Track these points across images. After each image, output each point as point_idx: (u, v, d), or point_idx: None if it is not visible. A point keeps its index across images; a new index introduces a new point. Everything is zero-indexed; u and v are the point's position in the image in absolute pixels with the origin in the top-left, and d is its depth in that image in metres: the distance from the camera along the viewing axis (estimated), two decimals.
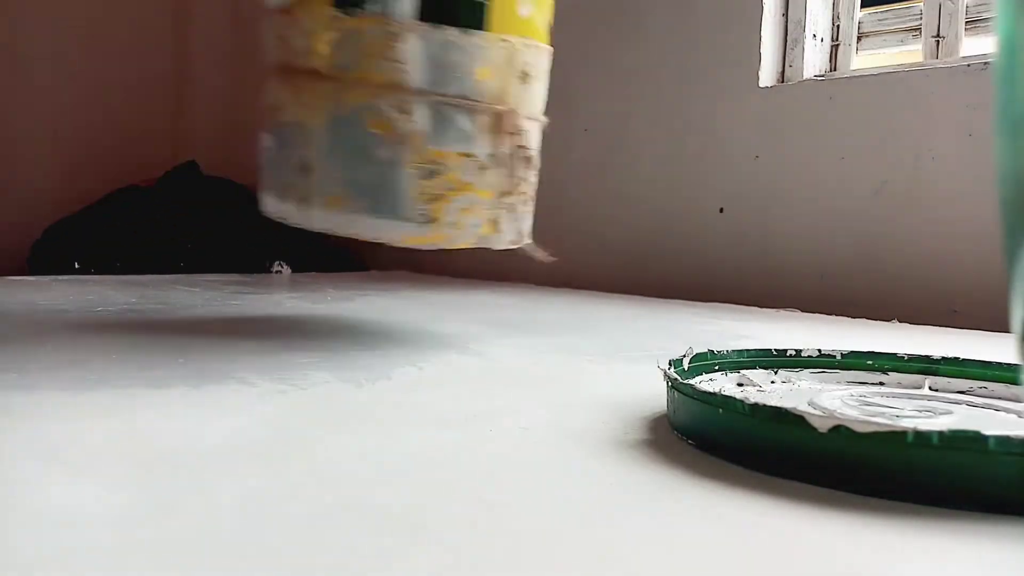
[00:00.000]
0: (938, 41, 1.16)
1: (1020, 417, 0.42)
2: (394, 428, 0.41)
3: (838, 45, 1.27)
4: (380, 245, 1.76)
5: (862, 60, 1.26)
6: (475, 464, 0.35)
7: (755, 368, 0.49)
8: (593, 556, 0.26)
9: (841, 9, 1.27)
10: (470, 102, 0.62)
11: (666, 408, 0.42)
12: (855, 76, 1.20)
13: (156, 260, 1.45)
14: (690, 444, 0.38)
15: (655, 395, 0.47)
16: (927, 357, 0.49)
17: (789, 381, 0.49)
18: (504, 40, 0.63)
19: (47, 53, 1.47)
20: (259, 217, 0.79)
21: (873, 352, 0.50)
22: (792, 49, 1.26)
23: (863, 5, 1.26)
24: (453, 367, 0.59)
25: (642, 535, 0.28)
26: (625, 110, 1.41)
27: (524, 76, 0.65)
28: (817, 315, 1.03)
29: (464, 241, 0.66)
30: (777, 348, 0.51)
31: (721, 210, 1.29)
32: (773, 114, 1.22)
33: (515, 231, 0.68)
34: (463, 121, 0.62)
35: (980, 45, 1.15)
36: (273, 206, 0.67)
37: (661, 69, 1.35)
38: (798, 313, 1.06)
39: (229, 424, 0.40)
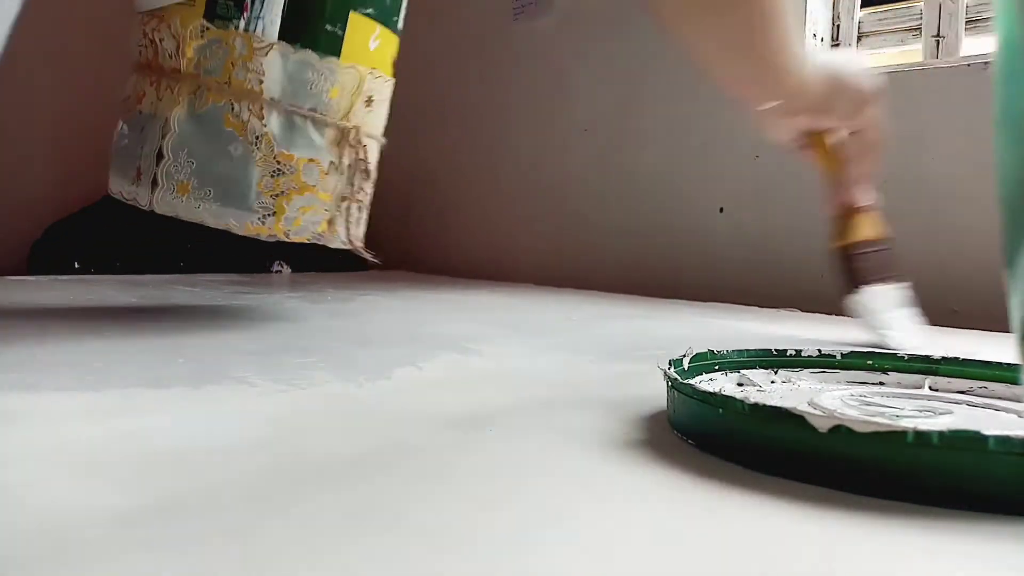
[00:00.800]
0: (938, 41, 1.16)
1: (1020, 417, 0.42)
2: (394, 428, 0.41)
3: (838, 45, 1.27)
4: (380, 245, 1.77)
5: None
6: (475, 464, 0.35)
7: (755, 368, 0.49)
8: (593, 556, 0.26)
9: (841, 9, 1.27)
10: (319, 116, 0.71)
11: (666, 408, 0.42)
12: None
13: (156, 260, 1.45)
14: (690, 444, 0.38)
15: (655, 395, 0.47)
16: (927, 357, 0.49)
17: (789, 381, 0.49)
18: (354, 68, 0.72)
19: (47, 53, 1.47)
20: None
21: (873, 352, 0.50)
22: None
23: (863, 5, 1.26)
24: (453, 367, 0.59)
25: (641, 535, 0.28)
26: (625, 110, 1.41)
27: (369, 100, 0.74)
28: (817, 315, 1.03)
29: (300, 236, 0.73)
30: (777, 348, 0.51)
31: (721, 210, 1.29)
32: None
33: (349, 233, 0.76)
34: (312, 131, 0.71)
35: (980, 45, 1.15)
36: (122, 187, 0.72)
37: (661, 69, 1.35)
38: (798, 313, 1.06)
39: (229, 424, 0.40)
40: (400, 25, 0.80)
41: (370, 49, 0.73)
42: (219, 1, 0.68)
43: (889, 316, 0.78)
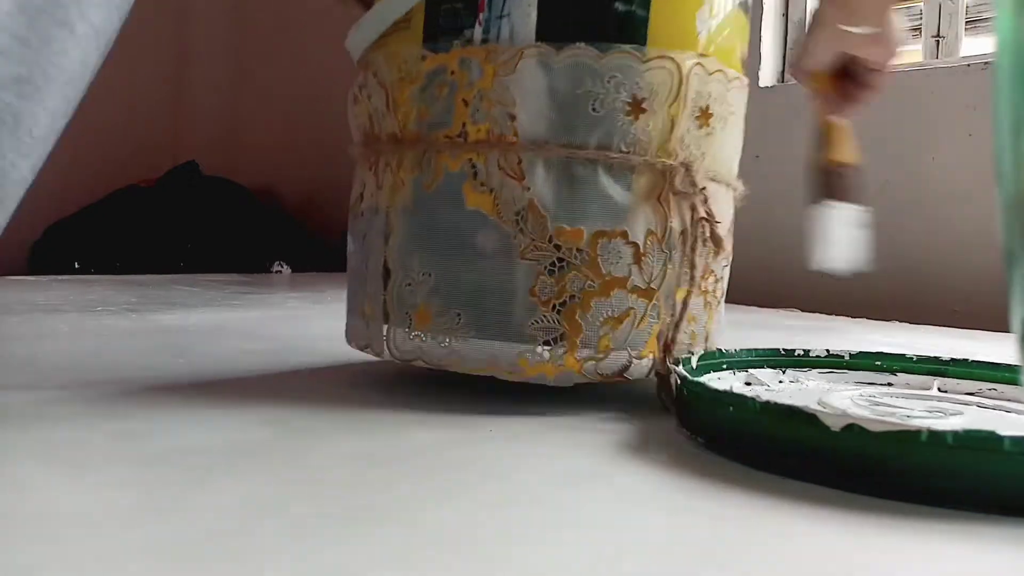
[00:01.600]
0: (938, 41, 1.16)
1: None
2: (394, 428, 0.41)
3: None
4: None
5: None
6: (477, 464, 0.35)
7: (763, 367, 0.49)
8: (599, 555, 0.25)
9: None
10: (617, 154, 0.44)
11: (675, 407, 0.42)
12: None
13: (156, 260, 1.45)
14: (700, 442, 0.37)
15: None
16: (936, 358, 0.48)
17: (797, 381, 0.49)
18: (669, 59, 0.44)
19: None
20: (259, 217, 0.79)
21: (881, 353, 0.50)
22: (792, 49, 1.26)
23: None
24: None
25: (650, 534, 0.27)
26: None
27: (704, 115, 0.46)
28: (817, 315, 1.03)
29: (616, 368, 0.44)
30: (785, 348, 0.50)
31: None
32: (773, 114, 1.21)
33: (695, 344, 0.47)
34: (606, 182, 0.44)
35: (980, 45, 1.15)
36: (356, 334, 0.50)
37: None
38: (798, 313, 1.05)
39: (229, 424, 0.40)
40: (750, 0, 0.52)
41: (696, 31, 0.45)
42: (442, 7, 0.45)
43: (841, 234, 0.79)
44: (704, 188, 0.46)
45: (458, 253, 0.44)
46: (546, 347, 0.43)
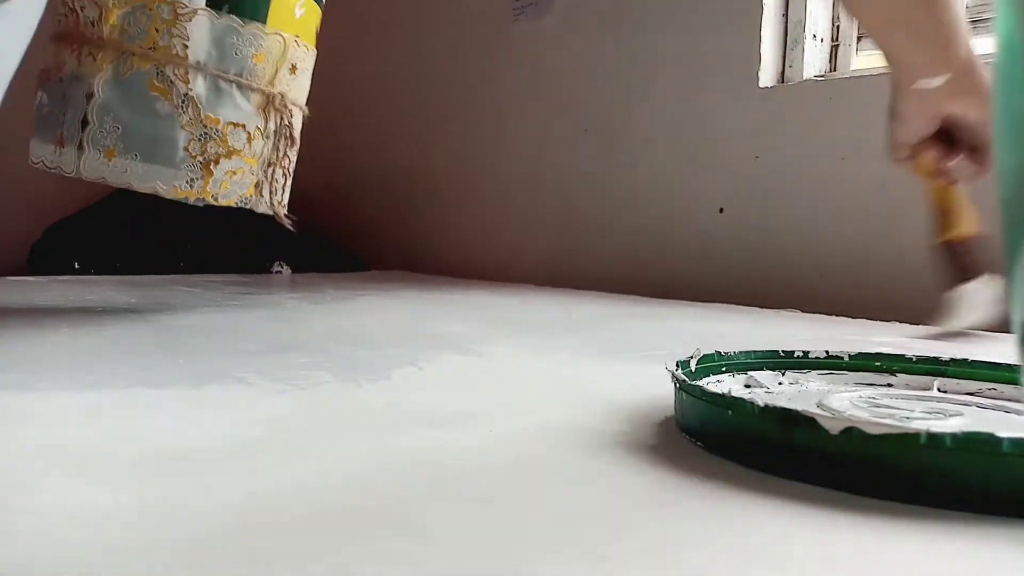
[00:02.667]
0: None
1: None
2: (394, 428, 0.41)
3: (838, 45, 1.27)
4: (380, 245, 1.75)
5: (862, 60, 1.26)
6: (475, 464, 0.35)
7: (762, 369, 0.49)
8: (597, 557, 0.25)
9: (841, 9, 1.27)
10: (245, 80, 0.72)
11: (673, 409, 0.42)
12: (855, 76, 1.20)
13: (156, 260, 1.44)
14: (698, 446, 0.37)
15: (659, 395, 0.47)
16: (935, 359, 0.48)
17: (797, 382, 0.49)
18: (279, 34, 0.73)
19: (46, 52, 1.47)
20: (259, 217, 0.80)
21: (881, 353, 0.50)
22: (792, 49, 1.26)
23: None
24: (453, 367, 0.59)
25: (648, 536, 0.27)
26: (625, 110, 1.40)
27: (293, 68, 0.76)
28: (817, 315, 1.03)
29: (228, 200, 0.73)
30: (784, 349, 0.50)
31: (721, 210, 1.29)
32: (773, 114, 1.21)
33: (272, 199, 0.77)
34: (238, 96, 0.71)
35: (980, 45, 1.15)
36: (44, 155, 0.72)
37: (661, 69, 1.35)
38: (798, 313, 1.05)
39: (229, 424, 0.40)
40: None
41: (295, 17, 0.75)
42: None
43: (977, 305, 0.79)
44: (290, 108, 0.76)
45: (141, 118, 0.69)
46: (190, 182, 0.70)
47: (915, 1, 0.65)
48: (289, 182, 0.80)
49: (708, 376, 0.46)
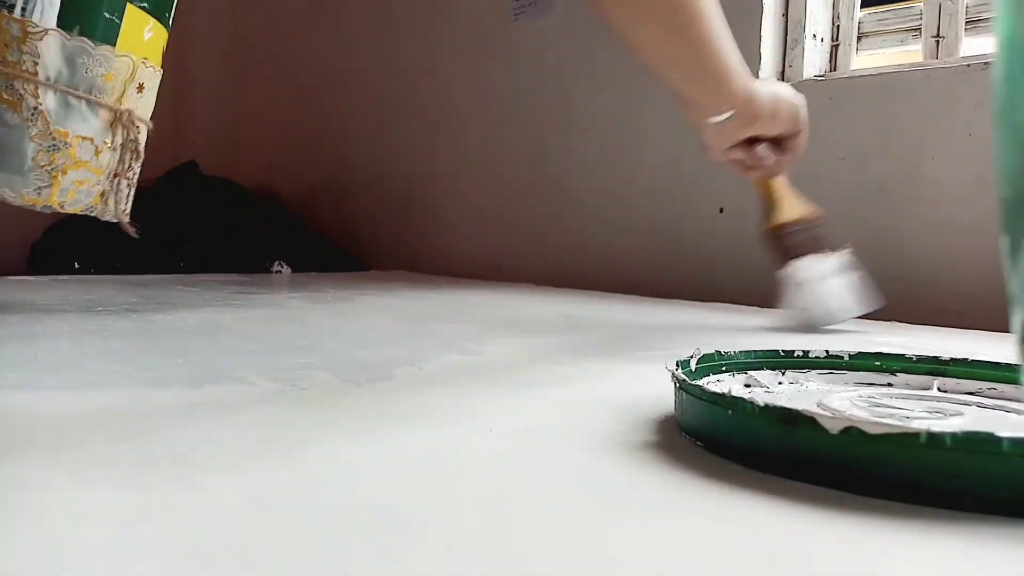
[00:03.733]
0: (938, 41, 1.16)
1: None
2: (394, 428, 0.41)
3: (838, 45, 1.27)
4: (380, 245, 1.75)
5: (862, 60, 1.26)
6: (475, 464, 0.35)
7: (762, 369, 0.49)
8: (597, 557, 0.25)
9: (841, 9, 1.27)
10: (94, 98, 0.74)
11: (673, 409, 0.42)
12: (855, 76, 1.20)
13: (156, 260, 1.44)
14: (699, 446, 0.37)
15: (659, 395, 0.47)
16: (935, 358, 0.48)
17: (797, 382, 0.49)
18: (128, 56, 0.75)
19: None
20: (259, 217, 0.81)
21: (881, 353, 0.50)
22: (792, 49, 1.26)
23: (863, 5, 1.26)
24: (453, 367, 0.59)
25: (648, 537, 0.27)
26: (625, 110, 1.40)
27: (141, 87, 0.78)
28: None
29: (74, 208, 0.76)
30: (784, 349, 0.50)
31: (721, 210, 1.29)
32: None
33: (118, 207, 0.80)
34: (87, 112, 0.73)
35: (980, 45, 1.15)
36: None
37: None
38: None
39: (229, 424, 0.40)
40: (171, 21, 0.84)
41: (144, 39, 0.77)
42: None
43: (822, 287, 0.87)
44: (137, 124, 0.78)
45: None
46: (37, 191, 0.72)
47: (684, 45, 0.75)
48: (132, 192, 0.82)
49: (708, 376, 0.46)
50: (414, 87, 1.79)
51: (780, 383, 0.49)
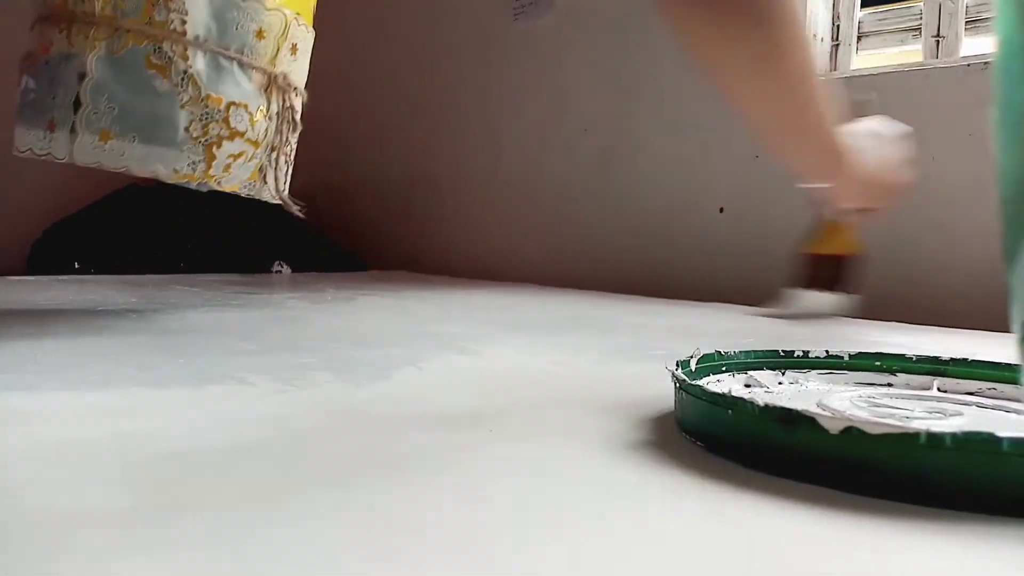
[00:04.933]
0: (938, 41, 1.16)
1: None
2: (394, 428, 0.41)
3: (838, 45, 1.27)
4: (380, 245, 1.75)
5: (862, 60, 1.26)
6: (475, 464, 0.35)
7: (762, 369, 0.49)
8: (597, 557, 0.25)
9: (841, 9, 1.27)
10: (246, 58, 0.68)
11: (673, 409, 0.42)
12: (855, 76, 1.20)
13: (156, 260, 1.44)
14: (699, 446, 0.37)
15: (659, 395, 0.47)
16: (936, 358, 0.48)
17: (797, 382, 0.49)
18: (280, 11, 0.70)
19: None
20: (259, 217, 0.81)
21: (881, 353, 0.50)
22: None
23: (863, 5, 1.26)
24: (453, 367, 0.59)
25: (648, 536, 0.27)
26: (626, 110, 1.40)
27: (294, 48, 0.73)
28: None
29: (232, 184, 0.69)
30: (784, 349, 0.50)
31: (721, 210, 1.29)
32: None
33: (277, 186, 0.74)
34: (239, 74, 0.68)
35: (980, 45, 1.15)
36: (32, 143, 0.67)
37: (661, 69, 1.35)
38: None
39: (229, 424, 0.40)
40: None
41: None
42: None
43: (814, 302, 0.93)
44: (295, 89, 0.73)
45: (138, 96, 0.65)
46: (192, 165, 0.66)
47: (790, 108, 0.75)
48: (290, 169, 0.76)
49: (708, 376, 0.46)
50: (414, 87, 1.78)
51: (780, 383, 0.49)
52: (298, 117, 0.75)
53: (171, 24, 0.65)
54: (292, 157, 0.76)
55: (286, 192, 0.76)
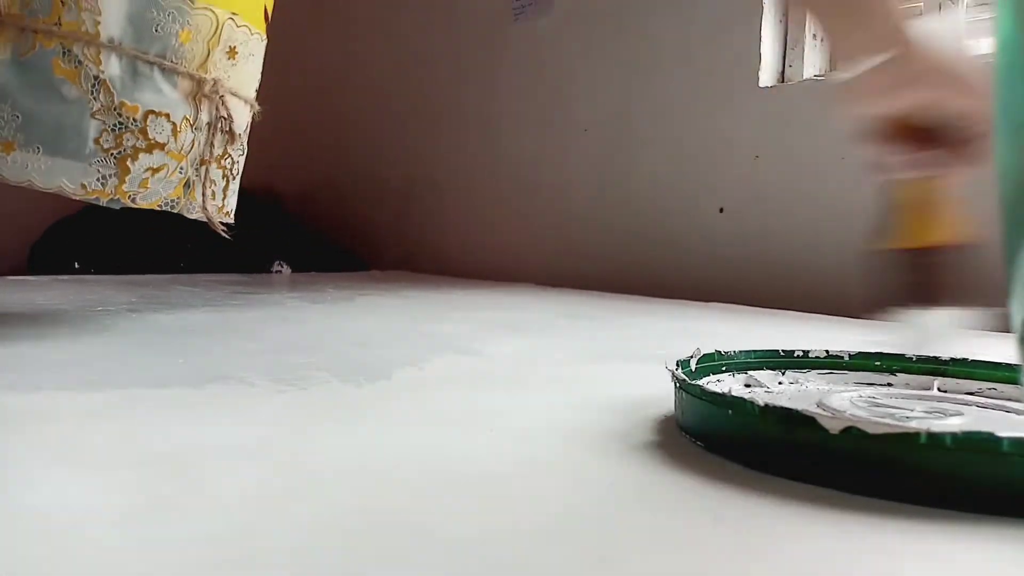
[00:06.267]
0: None
1: None
2: (394, 428, 0.41)
3: None
4: (380, 245, 1.74)
5: None
6: (475, 464, 0.35)
7: (762, 369, 0.49)
8: (597, 556, 0.25)
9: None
10: (169, 63, 0.62)
11: (673, 409, 0.42)
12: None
13: (156, 260, 1.44)
14: (699, 445, 0.37)
15: (659, 395, 0.46)
16: (935, 358, 0.48)
17: (797, 382, 0.49)
18: (209, 10, 0.63)
19: None
20: (259, 217, 0.80)
21: (881, 353, 0.50)
22: (792, 49, 1.25)
23: None
24: (453, 367, 0.59)
25: (649, 536, 0.27)
26: (625, 110, 1.40)
27: (232, 51, 0.65)
28: (817, 315, 1.03)
29: (149, 202, 0.63)
30: (784, 349, 0.50)
31: (721, 210, 1.29)
32: (773, 114, 1.21)
33: (208, 202, 0.66)
34: (160, 80, 0.61)
35: (980, 45, 1.15)
36: None
37: (661, 69, 1.35)
38: (799, 313, 1.05)
39: (229, 424, 0.40)
40: None
41: None
42: None
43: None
44: (223, 97, 0.65)
45: (45, 104, 0.59)
46: (102, 180, 0.60)
47: None
48: (234, 184, 0.69)
49: (708, 376, 0.46)
50: (414, 87, 1.78)
51: (780, 383, 0.49)
52: (238, 128, 0.67)
53: (83, 25, 0.59)
54: (235, 172, 0.69)
55: (230, 210, 0.70)
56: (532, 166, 1.55)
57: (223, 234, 0.69)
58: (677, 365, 0.43)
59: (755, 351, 0.50)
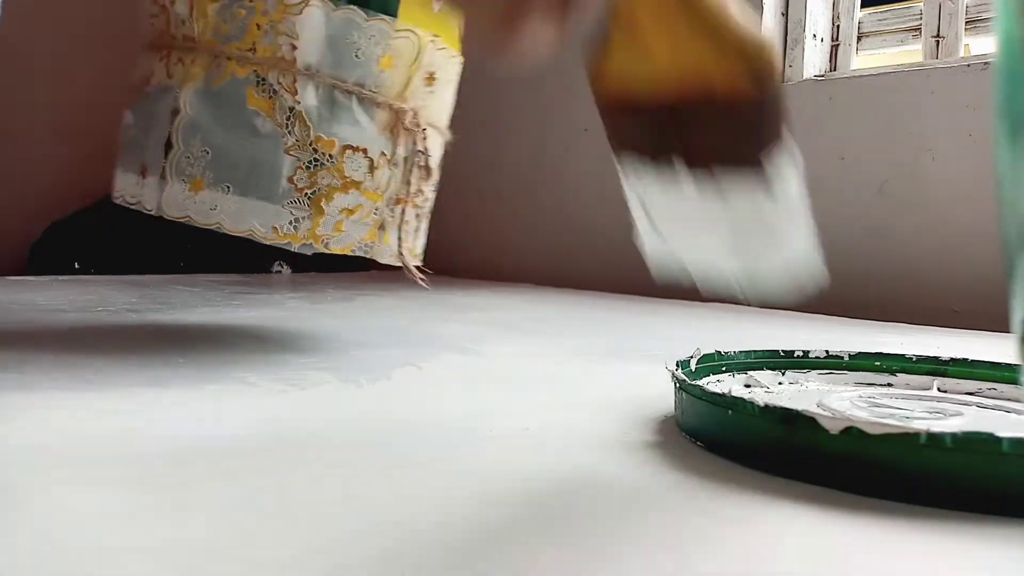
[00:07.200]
0: (938, 41, 1.16)
1: None
2: (394, 428, 0.41)
3: (838, 45, 1.27)
4: None
5: (862, 60, 1.26)
6: (475, 464, 0.35)
7: (762, 369, 0.49)
8: (597, 556, 0.25)
9: (841, 9, 1.27)
10: (368, 92, 0.56)
11: (673, 409, 0.42)
12: (855, 76, 1.20)
13: (156, 260, 1.44)
14: (699, 446, 0.37)
15: (659, 396, 0.47)
16: (935, 358, 0.48)
17: (797, 382, 0.49)
18: (412, 32, 0.57)
19: (47, 52, 1.47)
20: None
21: (881, 353, 0.50)
22: (792, 49, 1.26)
23: (863, 5, 1.26)
24: (453, 367, 0.59)
25: (648, 536, 0.27)
26: None
27: (431, 77, 0.60)
28: (817, 315, 1.03)
29: (342, 246, 0.58)
30: (784, 349, 0.50)
31: None
32: None
33: (401, 245, 0.60)
34: (358, 111, 0.56)
35: (980, 45, 1.15)
36: (126, 187, 0.58)
37: None
38: (798, 313, 1.05)
39: (229, 424, 0.40)
40: None
41: (433, 11, 0.59)
42: None
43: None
44: (424, 129, 0.60)
45: (236, 139, 0.55)
46: (294, 224, 0.56)
47: None
48: (424, 225, 0.63)
49: (708, 376, 0.46)
50: None
51: (780, 383, 0.49)
52: (432, 162, 0.61)
53: (278, 51, 0.54)
54: (427, 211, 0.63)
55: (419, 252, 0.63)
56: (532, 166, 1.55)
57: (420, 281, 0.62)
58: (677, 365, 0.43)
59: (755, 351, 0.50)
